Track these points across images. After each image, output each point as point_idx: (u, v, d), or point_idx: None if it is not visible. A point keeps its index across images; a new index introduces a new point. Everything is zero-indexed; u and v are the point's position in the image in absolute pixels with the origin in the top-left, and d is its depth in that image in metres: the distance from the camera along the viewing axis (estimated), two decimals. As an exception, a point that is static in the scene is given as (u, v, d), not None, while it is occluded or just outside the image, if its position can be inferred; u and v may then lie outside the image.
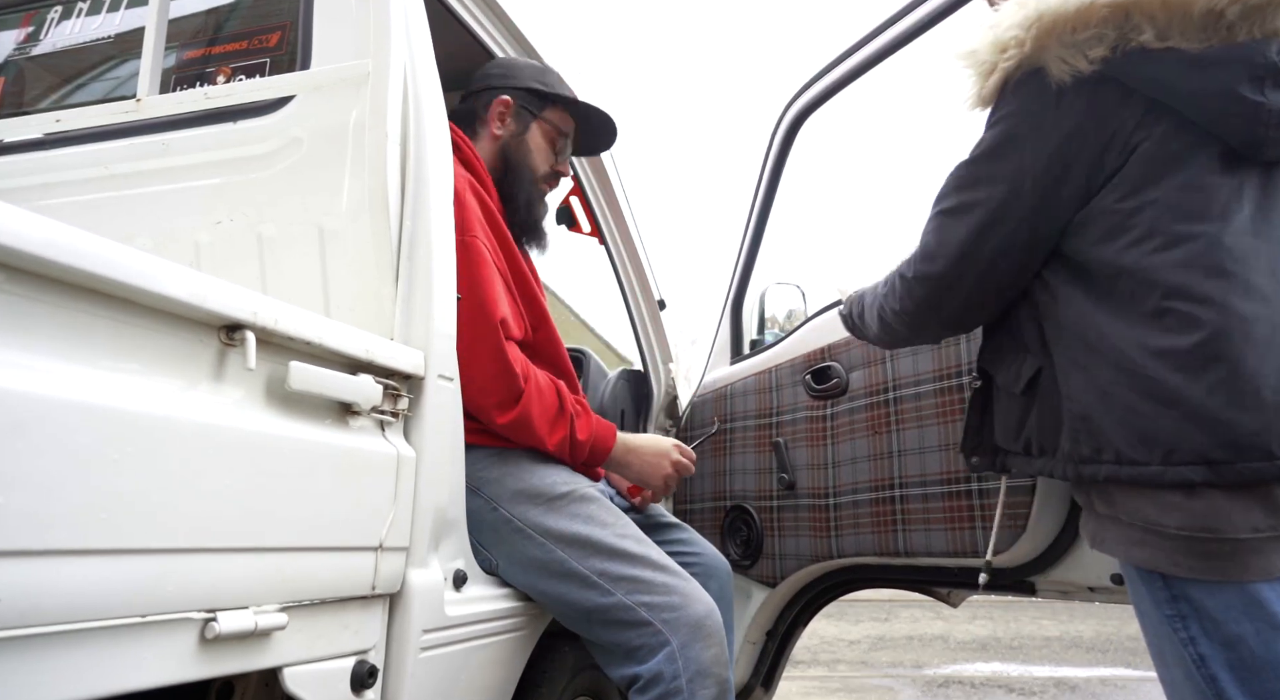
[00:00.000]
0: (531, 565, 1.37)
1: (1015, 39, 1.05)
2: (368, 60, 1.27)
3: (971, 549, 1.59)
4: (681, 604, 1.32)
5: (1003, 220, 1.11)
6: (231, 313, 0.84)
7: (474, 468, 1.38)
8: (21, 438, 0.64)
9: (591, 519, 1.38)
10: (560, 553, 1.35)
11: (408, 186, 1.25)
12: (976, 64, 1.11)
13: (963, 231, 1.14)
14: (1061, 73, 1.04)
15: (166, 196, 1.35)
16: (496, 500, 1.39)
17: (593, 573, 1.33)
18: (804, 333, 2.07)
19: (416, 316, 1.20)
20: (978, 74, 1.11)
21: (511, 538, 1.38)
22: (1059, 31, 1.03)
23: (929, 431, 1.68)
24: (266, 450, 0.88)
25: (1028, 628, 6.87)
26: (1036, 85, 1.06)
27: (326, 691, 0.98)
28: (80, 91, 1.63)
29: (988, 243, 1.13)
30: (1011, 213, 1.10)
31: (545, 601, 1.42)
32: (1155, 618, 1.02)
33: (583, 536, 1.36)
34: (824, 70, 2.12)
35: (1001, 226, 1.11)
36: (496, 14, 1.72)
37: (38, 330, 0.69)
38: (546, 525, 1.37)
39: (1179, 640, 0.99)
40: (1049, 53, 1.04)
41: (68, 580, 0.68)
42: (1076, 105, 1.05)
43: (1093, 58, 1.02)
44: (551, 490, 1.39)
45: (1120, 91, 1.04)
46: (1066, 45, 1.03)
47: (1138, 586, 1.05)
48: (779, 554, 2.01)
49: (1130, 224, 1.03)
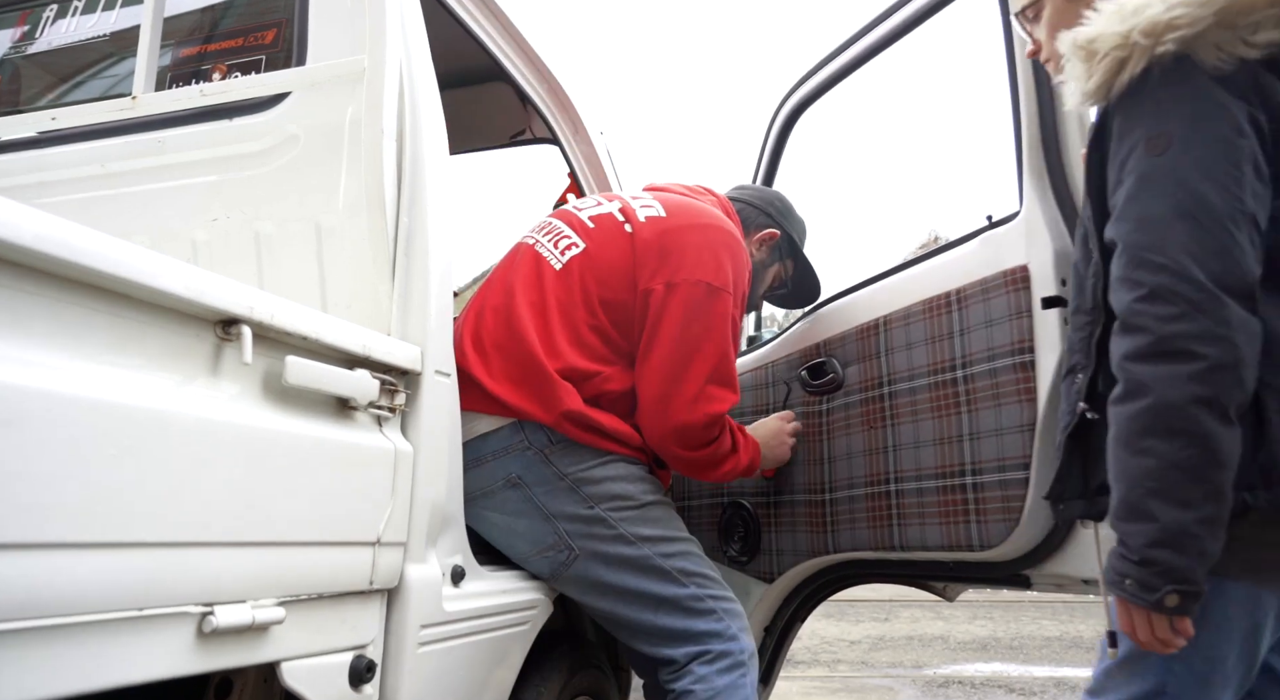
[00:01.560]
0: (618, 561, 1.50)
1: (1184, 18, 0.94)
2: (363, 57, 1.27)
3: (966, 543, 1.59)
4: (735, 599, 1.59)
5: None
6: (228, 307, 0.84)
7: (578, 466, 1.50)
8: (19, 432, 0.64)
9: (672, 523, 1.59)
10: (648, 549, 1.51)
11: (404, 183, 1.26)
12: (1108, 49, 0.98)
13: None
14: (1217, 59, 0.95)
15: (163, 194, 1.36)
16: (594, 500, 1.50)
17: (674, 569, 1.52)
18: (800, 328, 2.08)
19: (413, 312, 1.21)
20: (1108, 63, 0.99)
21: (603, 534, 1.49)
22: (1234, 13, 0.93)
23: (924, 426, 1.69)
24: (263, 445, 0.88)
25: (1028, 628, 6.87)
26: (1192, 71, 0.96)
27: (325, 686, 0.98)
28: (76, 89, 1.63)
29: None
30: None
31: (621, 593, 1.51)
32: (1238, 632, 1.00)
33: (668, 538, 1.55)
34: (820, 64, 2.12)
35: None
36: (491, 10, 1.72)
37: (35, 325, 0.69)
38: (639, 529, 1.52)
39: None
40: (1205, 39, 0.95)
41: (65, 573, 0.68)
42: (1244, 89, 0.96)
43: (1258, 42, 0.94)
44: (642, 497, 1.54)
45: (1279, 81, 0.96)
46: (1228, 29, 0.94)
47: (1226, 603, 1.00)
48: (776, 549, 2.01)
49: None
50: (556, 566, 1.49)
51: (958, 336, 1.63)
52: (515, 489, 1.46)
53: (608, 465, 1.52)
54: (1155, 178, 0.98)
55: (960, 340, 1.63)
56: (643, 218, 1.57)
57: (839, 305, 1.98)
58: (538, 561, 1.50)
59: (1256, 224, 0.94)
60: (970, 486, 1.59)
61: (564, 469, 1.48)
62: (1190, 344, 0.92)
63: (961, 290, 1.64)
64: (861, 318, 1.87)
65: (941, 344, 1.67)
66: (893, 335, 1.78)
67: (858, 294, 1.94)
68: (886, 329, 1.79)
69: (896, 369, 1.76)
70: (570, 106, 2.03)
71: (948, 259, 1.72)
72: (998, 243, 1.61)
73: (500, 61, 1.80)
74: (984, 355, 1.58)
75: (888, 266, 1.90)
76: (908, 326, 1.74)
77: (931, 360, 1.69)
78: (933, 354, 1.68)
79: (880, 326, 1.81)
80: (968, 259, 1.67)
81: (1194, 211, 0.94)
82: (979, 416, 1.58)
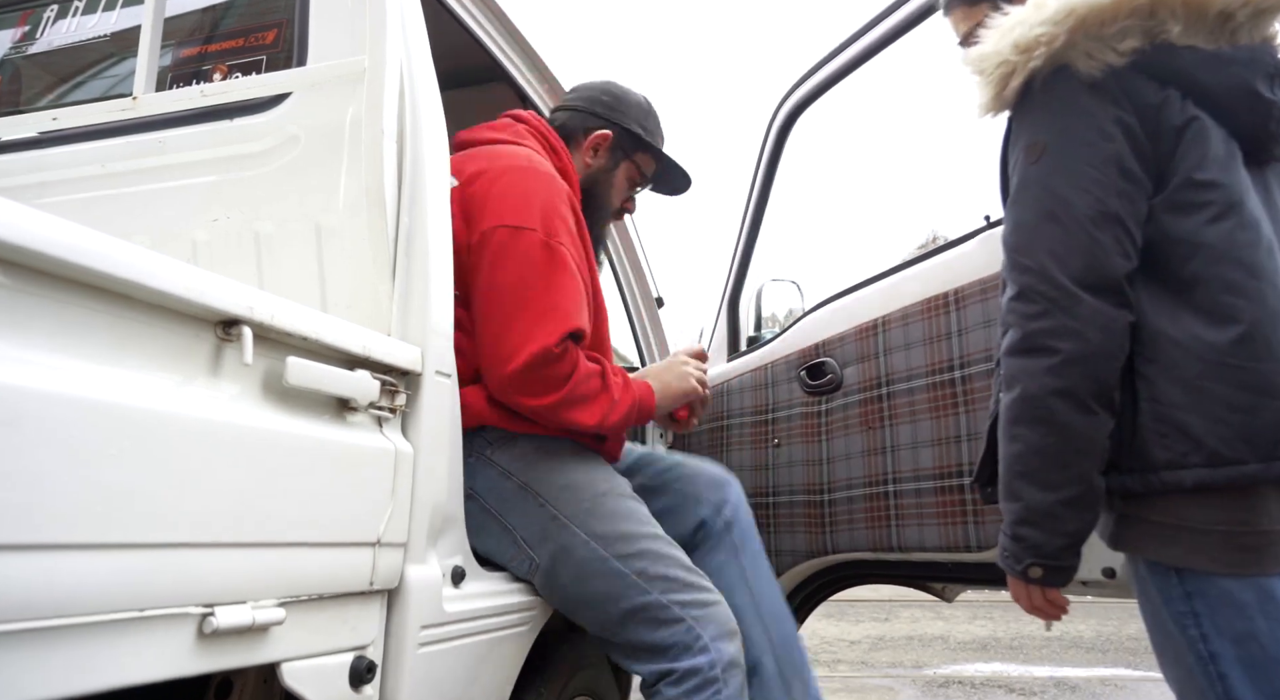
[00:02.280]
0: (577, 565, 1.40)
1: (1045, 35, 1.03)
2: (364, 57, 1.27)
3: (964, 544, 1.59)
4: (709, 601, 1.42)
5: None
6: (228, 308, 0.84)
7: (520, 462, 1.44)
8: (18, 432, 0.64)
9: (631, 517, 1.45)
10: (604, 550, 1.40)
11: (404, 183, 1.26)
12: (993, 67, 1.08)
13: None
14: (1089, 68, 1.03)
15: (163, 194, 1.36)
16: (545, 497, 1.43)
17: (633, 572, 1.39)
18: (798, 329, 2.08)
19: (413, 313, 1.21)
20: (995, 78, 1.08)
21: (559, 535, 1.41)
22: (1090, 25, 1.02)
23: (922, 426, 1.69)
24: (263, 445, 0.88)
25: (1028, 628, 6.87)
26: (1066, 81, 1.05)
27: (325, 687, 0.98)
28: (77, 90, 1.63)
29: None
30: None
31: (583, 602, 1.43)
32: (1165, 615, 1.02)
33: (627, 534, 1.42)
34: (818, 65, 2.12)
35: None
36: (492, 10, 1.72)
37: (35, 325, 0.69)
38: (592, 525, 1.41)
39: (1188, 638, 0.99)
40: (1076, 49, 1.03)
41: (65, 574, 0.68)
42: (1114, 93, 1.03)
43: (1123, 50, 1.02)
44: (593, 487, 1.45)
45: (1151, 82, 1.03)
46: (1094, 39, 1.02)
47: (1147, 584, 1.05)
48: (775, 550, 2.01)
49: (1207, 199, 1.01)
50: (525, 574, 1.45)
51: (956, 337, 1.64)
52: (470, 501, 1.39)
53: (552, 454, 1.46)
54: (1029, 184, 1.07)
55: (958, 341, 1.63)
56: (456, 182, 1.45)
57: (838, 306, 1.98)
58: (513, 568, 1.46)
59: (1121, 222, 1.01)
60: (968, 487, 1.59)
61: (508, 466, 1.44)
62: (1047, 340, 1.01)
63: (960, 291, 1.64)
64: (860, 318, 1.87)
65: (940, 344, 1.67)
66: (891, 336, 1.78)
67: (856, 294, 1.94)
68: (885, 329, 1.80)
69: (895, 369, 1.76)
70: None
71: (946, 259, 1.73)
72: (996, 243, 1.61)
73: (501, 62, 1.80)
74: (982, 356, 1.58)
75: (886, 267, 1.90)
76: (906, 327, 1.75)
77: (930, 361, 1.69)
78: (931, 354, 1.69)
79: (879, 327, 1.81)
80: (966, 259, 1.67)
81: (1058, 215, 1.03)
82: (977, 417, 1.59)
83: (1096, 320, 1.00)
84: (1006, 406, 1.07)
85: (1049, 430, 1.02)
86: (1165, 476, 0.99)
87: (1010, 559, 1.09)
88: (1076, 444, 1.02)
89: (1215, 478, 0.96)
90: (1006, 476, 1.08)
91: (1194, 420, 0.98)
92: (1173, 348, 1.00)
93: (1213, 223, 1.00)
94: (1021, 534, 1.06)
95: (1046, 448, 1.02)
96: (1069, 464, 1.02)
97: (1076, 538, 1.05)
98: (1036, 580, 1.08)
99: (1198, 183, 1.01)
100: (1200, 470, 0.97)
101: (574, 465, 1.48)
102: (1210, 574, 0.98)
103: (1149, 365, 1.02)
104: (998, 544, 1.12)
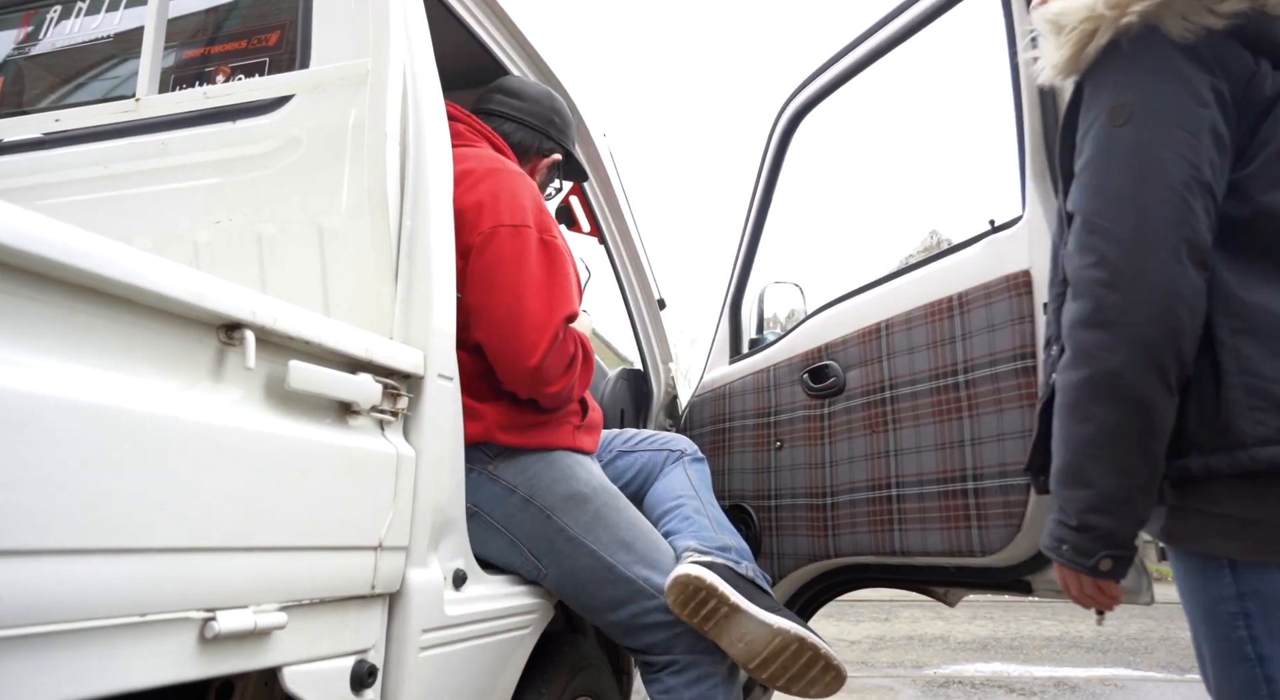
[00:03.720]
0: (584, 574, 1.47)
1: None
2: (367, 59, 1.27)
3: (967, 548, 1.59)
4: None
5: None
6: (231, 312, 0.84)
7: (523, 476, 1.47)
8: (21, 437, 0.64)
9: (634, 526, 1.53)
10: (609, 560, 1.47)
11: (407, 186, 1.25)
12: (1077, 23, 1.01)
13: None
14: (1183, 30, 0.97)
15: (166, 196, 1.35)
16: (550, 510, 1.47)
17: (640, 579, 1.47)
18: (801, 331, 2.08)
19: (416, 316, 1.21)
20: (1077, 35, 1.01)
21: (564, 547, 1.47)
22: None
23: (925, 430, 1.69)
24: (266, 449, 0.88)
25: (1028, 628, 6.87)
26: (1158, 42, 0.98)
27: (326, 691, 0.98)
28: (79, 91, 1.63)
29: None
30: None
31: (592, 609, 1.51)
32: (1216, 613, 0.98)
33: (629, 543, 1.50)
34: (822, 67, 2.12)
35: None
36: (496, 13, 1.72)
37: (37, 329, 0.69)
38: (598, 535, 1.48)
39: (1237, 637, 0.95)
40: (1171, 9, 0.97)
41: (67, 579, 0.68)
42: (1208, 59, 0.98)
43: (1224, 12, 0.96)
44: (596, 497, 1.51)
45: (1246, 51, 0.99)
46: (1193, 0, 0.96)
47: (1197, 580, 1.00)
48: (777, 553, 2.01)
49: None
50: (535, 579, 1.50)
51: (960, 341, 1.63)
52: (474, 518, 1.41)
53: (553, 466, 1.50)
54: (1115, 148, 0.99)
55: (962, 345, 1.63)
56: None
57: (841, 309, 1.98)
58: (521, 573, 1.50)
59: (1212, 192, 0.96)
60: (972, 492, 1.59)
61: (511, 481, 1.46)
62: (1130, 312, 0.94)
63: (964, 295, 1.64)
64: (863, 322, 1.87)
65: (943, 349, 1.67)
66: (894, 339, 1.78)
67: (859, 298, 1.94)
68: (888, 333, 1.79)
69: (898, 373, 1.76)
70: (573, 108, 2.02)
71: (950, 263, 1.72)
72: (1000, 247, 1.61)
73: (503, 64, 1.80)
74: (986, 360, 1.58)
75: (890, 270, 1.90)
76: (909, 331, 1.74)
77: (933, 365, 1.69)
78: (934, 358, 1.68)
79: (882, 331, 1.81)
80: (970, 263, 1.67)
81: (1150, 179, 0.96)
82: (981, 421, 1.58)
83: (1187, 293, 0.93)
84: (1075, 384, 0.98)
85: (1132, 409, 0.94)
86: (1258, 453, 0.92)
87: (1076, 552, 1.00)
88: (1156, 424, 0.94)
89: None
90: (1074, 461, 0.99)
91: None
92: (1271, 319, 0.94)
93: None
94: (1093, 522, 0.97)
95: (1126, 429, 0.95)
96: (1147, 446, 0.95)
97: (1142, 525, 0.99)
98: (1106, 573, 0.99)
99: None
100: None
101: (575, 476, 1.51)
102: (1267, 571, 0.93)
103: (1239, 337, 0.95)
104: (1049, 536, 1.03)
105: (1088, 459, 0.97)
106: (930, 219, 43.10)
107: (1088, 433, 0.97)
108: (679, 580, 1.41)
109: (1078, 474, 0.98)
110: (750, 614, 1.42)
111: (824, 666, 1.44)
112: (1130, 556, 0.99)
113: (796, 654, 1.43)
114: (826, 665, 1.44)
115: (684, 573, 1.42)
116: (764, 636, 1.42)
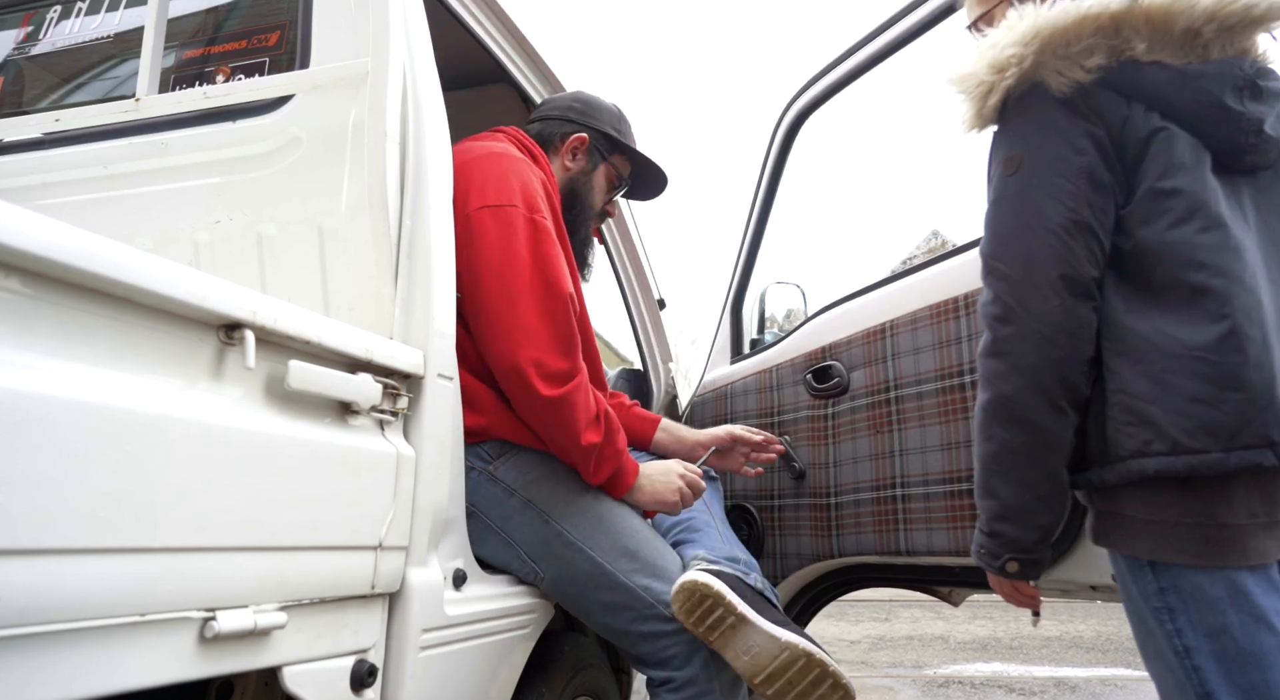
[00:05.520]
0: (582, 579, 1.45)
1: (1015, 57, 1.09)
2: (367, 59, 1.27)
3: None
4: None
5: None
6: (231, 311, 0.84)
7: (523, 477, 1.44)
8: (20, 437, 0.64)
9: (634, 533, 1.48)
10: (608, 567, 1.44)
11: (407, 186, 1.25)
12: (973, 86, 1.14)
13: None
14: (1060, 85, 1.08)
15: (166, 196, 1.35)
16: (549, 513, 1.44)
17: (638, 587, 1.43)
18: (804, 332, 2.07)
19: (416, 315, 1.21)
20: (975, 96, 1.14)
21: (563, 552, 1.44)
22: (1056, 45, 1.07)
23: (930, 431, 1.68)
24: (265, 449, 0.88)
25: (1028, 628, 6.86)
26: (1039, 97, 1.10)
27: (326, 690, 0.98)
28: (79, 91, 1.63)
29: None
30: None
31: (588, 614, 1.49)
32: (1143, 610, 1.06)
33: (629, 551, 1.46)
34: (825, 70, 2.12)
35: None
36: (496, 13, 1.72)
37: (37, 329, 0.69)
38: (597, 540, 1.44)
39: (1165, 632, 1.03)
40: (1046, 67, 1.08)
41: (67, 579, 0.68)
42: (1083, 109, 1.08)
43: (1090, 67, 1.07)
44: (597, 502, 1.47)
45: (1119, 97, 1.09)
46: (1062, 58, 1.08)
47: (1127, 580, 1.08)
48: (780, 553, 2.01)
49: (1169, 205, 1.05)
50: (532, 582, 1.48)
51: (965, 342, 1.63)
52: (471, 519, 1.39)
53: (554, 468, 1.47)
54: (1006, 195, 1.12)
55: (967, 346, 1.63)
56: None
57: (845, 309, 1.98)
58: (518, 574, 1.48)
59: (1093, 231, 1.07)
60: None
61: (511, 482, 1.45)
62: (1019, 343, 1.07)
63: (969, 295, 1.63)
64: (868, 322, 1.87)
65: (948, 349, 1.66)
66: (899, 340, 1.77)
67: (864, 298, 1.94)
68: (893, 334, 1.79)
69: (903, 374, 1.76)
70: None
71: (955, 264, 1.72)
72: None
73: (503, 63, 1.80)
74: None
75: (892, 271, 1.90)
76: (914, 331, 1.74)
77: (938, 365, 1.68)
78: (939, 359, 1.68)
79: (886, 331, 1.81)
80: (975, 265, 1.66)
81: (1033, 224, 1.08)
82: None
83: (1067, 324, 1.05)
84: (981, 407, 1.11)
85: (1023, 430, 1.07)
86: (1130, 465, 1.03)
87: (987, 555, 1.15)
88: (1049, 442, 1.07)
89: (1176, 466, 0.99)
90: (983, 475, 1.13)
91: (1157, 410, 1.01)
92: (1141, 343, 1.04)
93: (1175, 227, 1.04)
94: (998, 530, 1.12)
95: (1021, 447, 1.08)
96: (1042, 462, 1.08)
97: (1048, 531, 1.11)
98: (1014, 574, 1.14)
99: (1161, 191, 1.05)
100: (1162, 458, 1.00)
101: (576, 479, 1.48)
102: (1180, 567, 1.01)
103: (1117, 360, 1.06)
104: (973, 541, 1.17)
105: (991, 474, 1.12)
106: (931, 219, 43.16)
107: (991, 450, 1.11)
108: (686, 586, 1.38)
109: (985, 486, 1.13)
110: (758, 626, 1.38)
111: (832, 684, 1.39)
112: (1037, 559, 1.13)
113: (804, 670, 1.38)
114: (835, 683, 1.39)
115: (691, 579, 1.38)
116: (771, 650, 1.37)
